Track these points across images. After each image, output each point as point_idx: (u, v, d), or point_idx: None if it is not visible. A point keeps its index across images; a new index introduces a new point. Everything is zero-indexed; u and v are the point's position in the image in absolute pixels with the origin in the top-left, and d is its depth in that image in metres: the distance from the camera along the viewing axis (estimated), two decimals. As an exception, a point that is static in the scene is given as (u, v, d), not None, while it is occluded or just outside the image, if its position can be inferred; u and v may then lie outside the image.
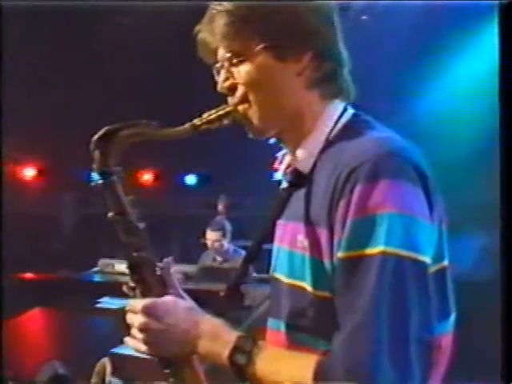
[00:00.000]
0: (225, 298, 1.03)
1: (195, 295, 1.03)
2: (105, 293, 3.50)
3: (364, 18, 4.92)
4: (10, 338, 2.84)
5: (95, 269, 4.38)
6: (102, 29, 4.99)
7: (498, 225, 1.15)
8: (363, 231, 0.80)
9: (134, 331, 0.93)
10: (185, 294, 1.01)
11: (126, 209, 0.96)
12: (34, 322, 3.28)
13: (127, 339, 0.95)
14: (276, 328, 0.96)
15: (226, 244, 4.14)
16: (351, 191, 0.81)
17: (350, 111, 0.97)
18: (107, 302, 3.38)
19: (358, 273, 0.79)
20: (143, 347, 0.92)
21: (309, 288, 0.88)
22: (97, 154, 0.94)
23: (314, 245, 0.87)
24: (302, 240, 0.89)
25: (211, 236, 4.13)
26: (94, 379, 1.09)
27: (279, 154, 1.06)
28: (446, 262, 0.89)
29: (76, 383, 1.79)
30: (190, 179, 7.18)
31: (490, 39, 4.20)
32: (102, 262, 4.36)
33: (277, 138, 1.00)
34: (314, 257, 0.87)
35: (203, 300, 1.02)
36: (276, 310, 0.97)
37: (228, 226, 4.20)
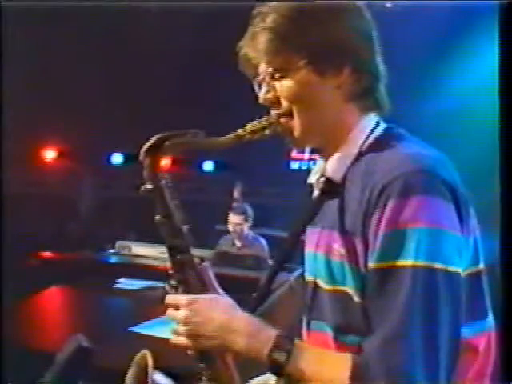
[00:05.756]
0: (252, 304, 1.05)
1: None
2: (121, 274, 3.56)
3: (389, 5, 4.86)
4: (29, 314, 2.92)
5: (112, 250, 4.46)
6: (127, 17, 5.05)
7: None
8: (395, 244, 0.84)
9: (176, 326, 0.97)
10: (223, 293, 1.05)
11: (171, 212, 1.01)
12: (51, 299, 3.35)
13: (171, 333, 0.98)
14: (320, 329, 1.00)
15: (246, 229, 4.17)
16: (384, 206, 0.85)
17: (383, 125, 1.01)
18: (124, 283, 3.45)
19: (389, 283, 0.84)
20: (184, 340, 0.96)
21: (352, 292, 0.92)
22: (147, 161, 1.00)
23: (351, 253, 0.91)
24: (339, 249, 0.93)
25: (234, 219, 4.14)
26: (132, 370, 1.08)
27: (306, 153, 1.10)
28: (481, 266, 0.93)
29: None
30: (208, 166, 7.22)
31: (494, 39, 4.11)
32: (119, 243, 4.43)
33: (315, 147, 1.04)
34: (352, 264, 0.91)
35: (220, 285, 1.06)
36: (317, 312, 1.01)
37: (250, 212, 4.22)
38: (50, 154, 6.90)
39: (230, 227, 4.17)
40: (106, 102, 5.68)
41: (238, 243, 4.21)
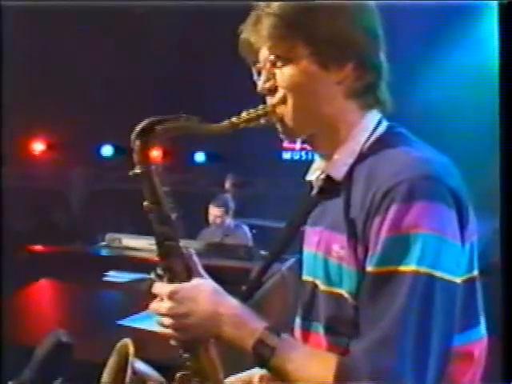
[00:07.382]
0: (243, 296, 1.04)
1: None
2: (111, 267, 3.53)
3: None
4: (18, 307, 2.88)
5: (102, 243, 4.41)
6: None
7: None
8: (396, 249, 0.83)
9: (162, 317, 0.95)
10: (208, 278, 1.02)
11: (160, 199, 0.99)
12: (40, 292, 3.32)
13: (157, 326, 0.97)
14: (315, 330, 0.99)
15: (227, 220, 4.17)
16: (386, 209, 0.84)
17: (385, 123, 0.99)
18: (113, 276, 3.41)
19: (387, 287, 0.83)
20: (171, 332, 0.94)
21: (347, 295, 0.91)
22: (137, 144, 0.97)
23: (351, 255, 0.89)
24: (338, 250, 0.92)
25: (214, 211, 4.16)
26: (113, 358, 1.07)
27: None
28: (475, 273, 0.92)
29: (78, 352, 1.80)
30: (199, 157, 7.19)
31: (487, 32, 4.16)
32: (109, 236, 4.39)
33: (308, 142, 1.02)
34: (350, 267, 0.90)
35: (211, 276, 1.03)
36: (312, 313, 1.00)
37: (231, 203, 4.23)
38: (38, 147, 6.81)
39: (210, 218, 4.18)
40: (96, 93, 5.63)
41: (219, 234, 4.21)
